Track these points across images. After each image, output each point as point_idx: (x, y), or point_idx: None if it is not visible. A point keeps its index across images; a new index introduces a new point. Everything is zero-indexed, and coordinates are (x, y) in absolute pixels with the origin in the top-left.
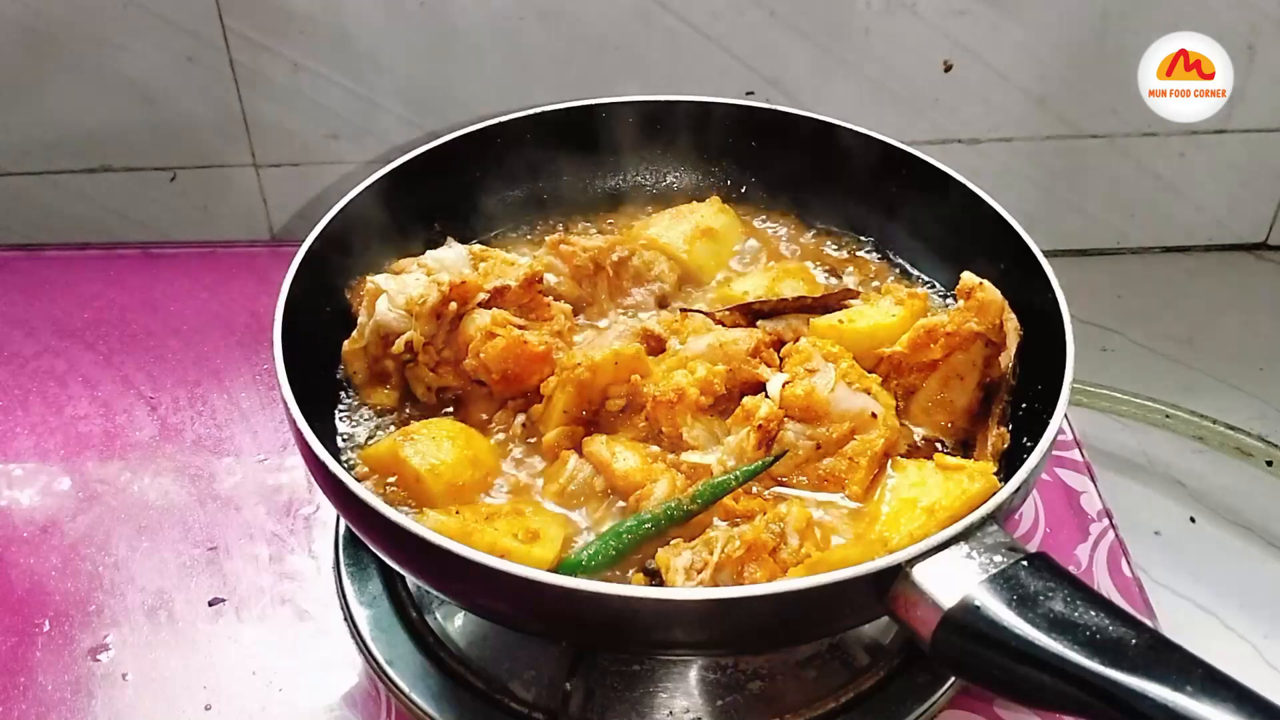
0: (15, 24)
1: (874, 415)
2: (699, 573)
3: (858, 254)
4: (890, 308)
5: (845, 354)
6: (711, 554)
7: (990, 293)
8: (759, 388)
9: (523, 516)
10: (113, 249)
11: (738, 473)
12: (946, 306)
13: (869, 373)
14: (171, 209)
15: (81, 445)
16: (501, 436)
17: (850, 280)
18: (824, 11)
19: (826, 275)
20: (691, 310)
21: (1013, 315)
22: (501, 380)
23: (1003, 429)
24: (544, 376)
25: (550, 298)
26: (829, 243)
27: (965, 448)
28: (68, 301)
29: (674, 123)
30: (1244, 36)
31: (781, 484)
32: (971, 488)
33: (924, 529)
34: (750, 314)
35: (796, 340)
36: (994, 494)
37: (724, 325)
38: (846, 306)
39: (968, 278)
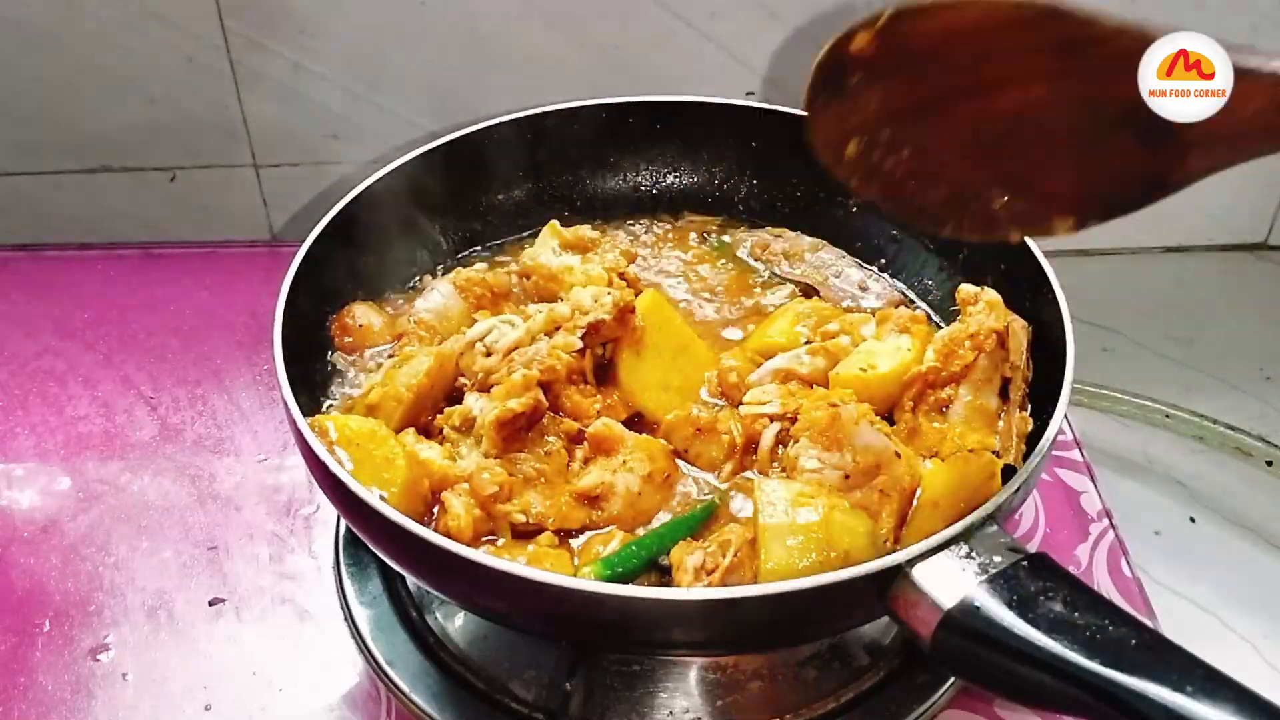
0: (15, 24)
1: (897, 455)
2: (709, 574)
3: (856, 257)
4: (898, 340)
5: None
6: (725, 556)
7: (991, 294)
8: None
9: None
10: (113, 249)
11: (684, 517)
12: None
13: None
14: (171, 209)
15: (81, 445)
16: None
17: (872, 298)
18: (824, 12)
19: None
20: None
21: (1013, 314)
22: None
23: (1024, 413)
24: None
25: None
26: (827, 243)
27: None
28: (68, 301)
29: (674, 123)
30: (1244, 36)
31: None
32: (969, 470)
33: (930, 523)
34: None
35: None
36: (994, 473)
37: None
38: None
39: (966, 289)
